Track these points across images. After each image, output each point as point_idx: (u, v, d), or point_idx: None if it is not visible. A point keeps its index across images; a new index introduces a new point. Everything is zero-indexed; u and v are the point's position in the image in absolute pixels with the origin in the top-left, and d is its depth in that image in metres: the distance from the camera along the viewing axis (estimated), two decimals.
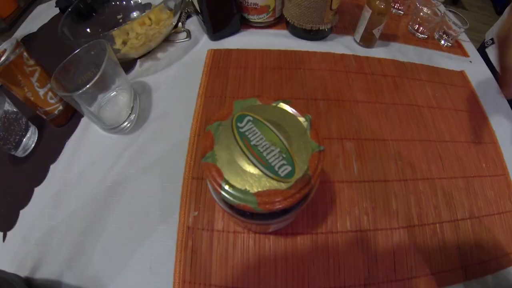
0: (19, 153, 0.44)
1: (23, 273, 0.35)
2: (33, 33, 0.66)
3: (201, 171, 0.39)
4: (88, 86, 0.36)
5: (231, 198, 0.21)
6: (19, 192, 0.42)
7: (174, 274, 0.33)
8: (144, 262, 0.34)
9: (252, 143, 0.23)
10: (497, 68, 0.39)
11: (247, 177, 0.22)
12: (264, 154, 0.23)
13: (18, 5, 0.80)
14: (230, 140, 0.24)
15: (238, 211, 0.24)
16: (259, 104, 0.26)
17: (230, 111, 0.26)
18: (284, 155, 0.23)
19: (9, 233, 0.38)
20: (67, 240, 0.37)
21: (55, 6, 0.65)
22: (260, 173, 0.22)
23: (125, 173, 0.41)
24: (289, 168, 0.22)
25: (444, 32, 0.57)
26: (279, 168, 0.22)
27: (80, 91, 0.36)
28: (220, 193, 0.22)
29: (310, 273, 0.33)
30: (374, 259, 0.34)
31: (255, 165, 0.22)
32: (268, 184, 0.21)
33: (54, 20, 0.68)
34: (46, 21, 0.68)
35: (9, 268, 0.35)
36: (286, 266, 0.33)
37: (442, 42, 0.58)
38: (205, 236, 0.35)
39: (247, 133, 0.24)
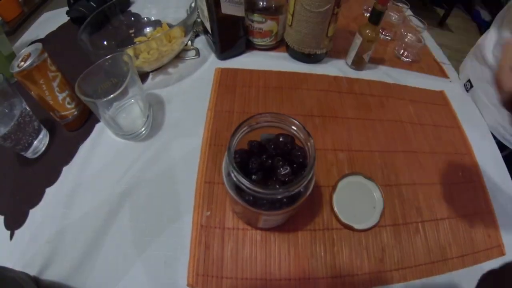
0: (29, 154, 0.46)
1: (32, 271, 0.36)
2: (41, 39, 0.69)
3: (213, 175, 0.44)
4: (112, 95, 0.39)
5: None
6: (29, 192, 0.43)
7: (188, 268, 0.36)
8: (159, 257, 0.37)
9: None
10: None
11: None
12: None
13: (22, 10, 0.82)
14: None
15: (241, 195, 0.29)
16: None
17: None
18: None
19: (17, 232, 0.39)
20: (80, 237, 0.39)
21: (67, 16, 0.68)
22: None
23: (140, 177, 0.44)
24: None
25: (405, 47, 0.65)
26: None
27: (105, 99, 0.39)
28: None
29: (310, 264, 0.37)
30: (365, 252, 0.39)
31: None
32: None
33: (62, 28, 0.71)
34: (53, 28, 0.72)
35: (17, 266, 0.36)
36: (289, 259, 0.37)
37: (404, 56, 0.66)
38: (217, 233, 0.39)
39: None
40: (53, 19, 0.75)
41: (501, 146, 0.54)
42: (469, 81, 0.62)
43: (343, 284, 0.36)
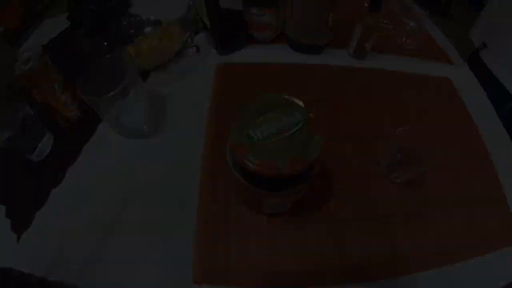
0: (34, 157, 0.46)
1: (39, 273, 0.36)
2: (42, 45, 0.70)
3: (216, 169, 0.43)
4: (113, 93, 0.39)
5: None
6: (35, 194, 0.43)
7: (194, 263, 0.36)
8: (165, 254, 0.37)
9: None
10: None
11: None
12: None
13: (23, 18, 0.84)
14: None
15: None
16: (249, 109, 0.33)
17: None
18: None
19: (24, 234, 0.40)
20: (86, 237, 0.39)
21: (68, 20, 0.68)
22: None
23: (144, 174, 0.44)
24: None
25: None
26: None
27: (106, 96, 0.39)
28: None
29: (318, 256, 0.37)
30: (376, 244, 0.38)
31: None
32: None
33: (63, 32, 0.71)
34: (55, 33, 0.71)
35: (25, 268, 0.36)
36: (296, 251, 0.37)
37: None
38: (222, 228, 0.38)
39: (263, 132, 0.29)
40: (54, 25, 0.74)
41: None
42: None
43: (352, 277, 0.36)
